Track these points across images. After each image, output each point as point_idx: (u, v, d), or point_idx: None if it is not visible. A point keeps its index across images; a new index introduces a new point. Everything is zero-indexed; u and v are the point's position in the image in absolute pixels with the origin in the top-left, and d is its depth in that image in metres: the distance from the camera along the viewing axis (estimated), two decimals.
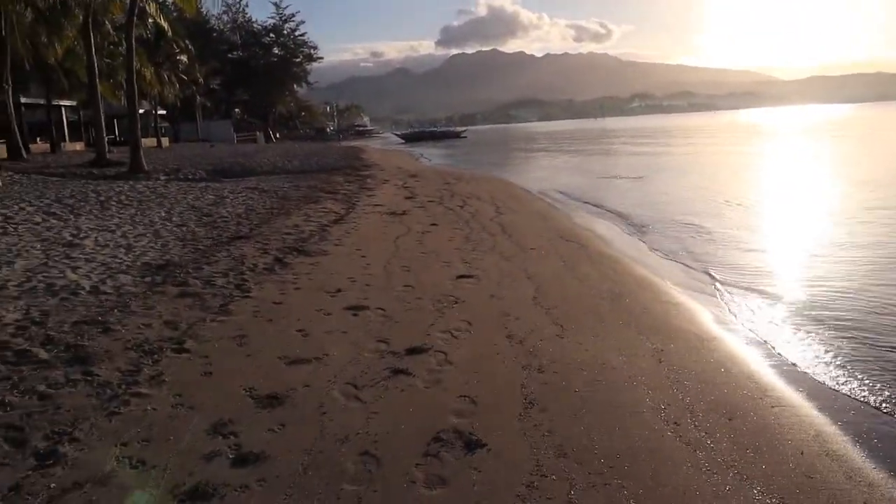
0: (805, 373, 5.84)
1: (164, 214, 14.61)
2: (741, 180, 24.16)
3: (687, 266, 10.42)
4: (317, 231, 12.73)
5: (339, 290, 8.22)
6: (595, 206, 17.96)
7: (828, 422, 4.81)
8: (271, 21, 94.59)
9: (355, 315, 7.20)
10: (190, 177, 25.61)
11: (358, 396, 5.02)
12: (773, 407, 4.95)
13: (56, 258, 9.82)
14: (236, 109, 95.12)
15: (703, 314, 7.61)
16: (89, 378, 5.28)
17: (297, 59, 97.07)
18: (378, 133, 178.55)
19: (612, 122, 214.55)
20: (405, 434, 4.43)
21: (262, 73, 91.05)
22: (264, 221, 13.98)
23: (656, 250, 11.77)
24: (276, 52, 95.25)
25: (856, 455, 4.31)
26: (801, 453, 4.25)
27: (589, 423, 4.58)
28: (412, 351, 5.98)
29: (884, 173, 23.97)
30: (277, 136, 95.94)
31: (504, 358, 5.85)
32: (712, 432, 4.47)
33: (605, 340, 6.33)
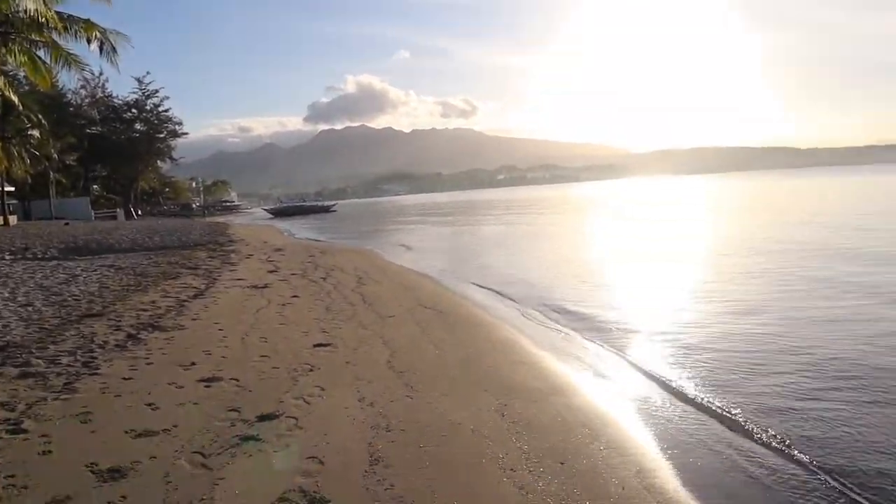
0: (639, 419, 6.33)
1: (6, 295, 13.88)
2: (600, 248, 25.52)
3: (543, 325, 10.97)
4: (174, 306, 12.46)
5: (193, 364, 8.13)
6: (458, 272, 18.49)
7: (651, 460, 5.26)
8: (133, 96, 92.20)
9: (208, 387, 7.15)
10: (39, 255, 24.40)
11: (205, 464, 5.03)
12: (602, 449, 5.36)
13: None
14: (95, 186, 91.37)
15: (550, 370, 8.06)
16: None
17: (161, 135, 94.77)
18: (246, 208, 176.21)
19: (478, 194, 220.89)
20: (250, 497, 4.50)
21: (124, 148, 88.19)
22: (119, 299, 13.54)
23: (517, 312, 12.32)
24: (139, 127, 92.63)
25: (669, 487, 4.76)
26: (623, 489, 4.64)
27: (431, 474, 4.81)
28: (263, 418, 6.04)
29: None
30: (140, 212, 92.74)
31: (354, 420, 6.01)
32: (544, 476, 4.80)
33: (453, 399, 6.62)
